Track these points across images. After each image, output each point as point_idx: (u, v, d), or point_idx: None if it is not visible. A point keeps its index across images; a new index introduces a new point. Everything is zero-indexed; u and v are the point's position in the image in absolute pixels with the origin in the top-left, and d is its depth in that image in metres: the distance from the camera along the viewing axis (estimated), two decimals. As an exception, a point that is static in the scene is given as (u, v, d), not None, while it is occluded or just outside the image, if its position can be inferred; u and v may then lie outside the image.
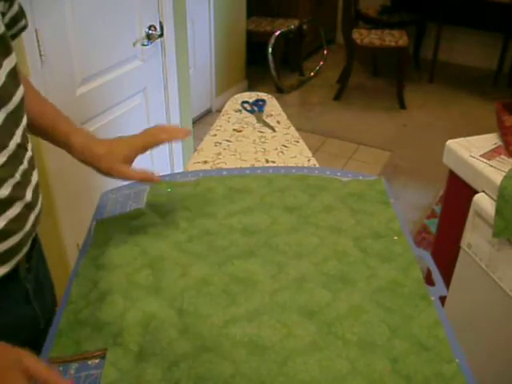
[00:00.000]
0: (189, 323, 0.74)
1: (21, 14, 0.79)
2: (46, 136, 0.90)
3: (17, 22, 0.78)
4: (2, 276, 0.72)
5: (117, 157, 0.88)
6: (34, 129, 0.85)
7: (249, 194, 1.03)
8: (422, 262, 0.88)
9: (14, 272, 0.75)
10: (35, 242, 0.85)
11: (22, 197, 0.72)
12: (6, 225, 0.69)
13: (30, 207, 0.74)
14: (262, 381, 0.66)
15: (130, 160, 0.90)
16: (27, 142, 0.76)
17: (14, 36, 0.78)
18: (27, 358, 0.57)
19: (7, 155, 0.68)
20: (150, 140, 0.91)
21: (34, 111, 0.85)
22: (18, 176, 0.71)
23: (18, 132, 0.71)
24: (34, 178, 0.78)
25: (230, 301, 0.78)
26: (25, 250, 0.76)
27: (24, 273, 0.80)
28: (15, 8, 0.76)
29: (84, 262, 0.87)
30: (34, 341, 0.76)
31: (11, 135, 0.69)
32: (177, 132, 0.95)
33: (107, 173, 0.88)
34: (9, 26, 0.74)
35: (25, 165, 0.73)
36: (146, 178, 0.91)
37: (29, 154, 0.76)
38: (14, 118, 0.70)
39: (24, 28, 0.81)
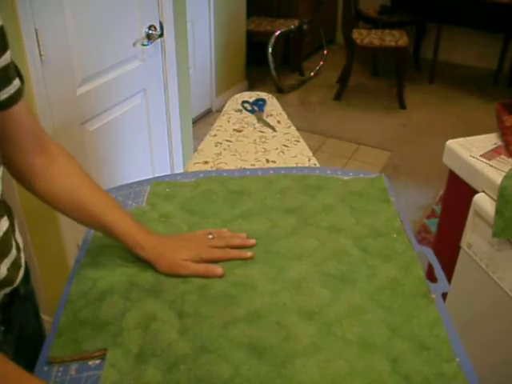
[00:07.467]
0: (189, 324, 0.74)
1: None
2: (98, 227, 0.85)
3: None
4: None
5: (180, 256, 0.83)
6: (82, 218, 0.83)
7: (249, 197, 1.03)
8: (424, 258, 0.88)
9: None
10: (15, 299, 0.78)
11: None
12: None
13: None
14: (261, 383, 0.66)
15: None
16: None
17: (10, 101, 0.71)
18: None
19: None
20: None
21: (87, 198, 0.82)
22: None
23: None
24: (3, 224, 0.72)
25: (230, 302, 0.78)
26: None
27: None
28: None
29: (84, 262, 0.87)
30: None
31: None
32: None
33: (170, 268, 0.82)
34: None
35: None
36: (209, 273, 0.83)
37: None
38: None
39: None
